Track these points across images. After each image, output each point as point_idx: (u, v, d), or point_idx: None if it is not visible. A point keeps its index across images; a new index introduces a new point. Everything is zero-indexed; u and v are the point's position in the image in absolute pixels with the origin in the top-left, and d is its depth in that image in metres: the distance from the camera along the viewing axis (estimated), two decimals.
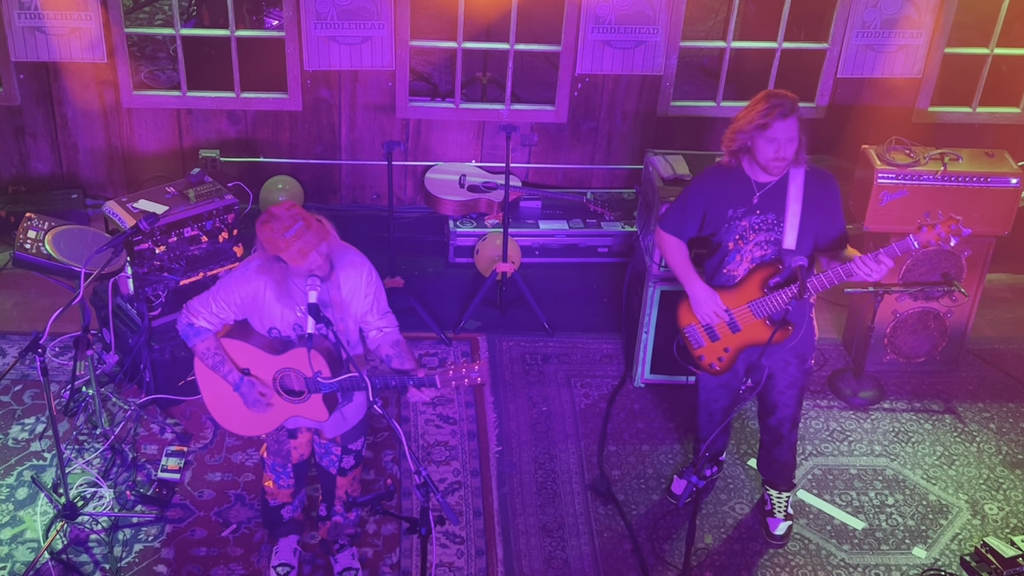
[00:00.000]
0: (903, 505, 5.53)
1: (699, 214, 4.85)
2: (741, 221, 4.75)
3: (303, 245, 4.14)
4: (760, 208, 4.72)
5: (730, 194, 4.76)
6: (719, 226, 4.81)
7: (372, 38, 6.76)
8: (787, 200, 4.69)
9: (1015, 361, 6.46)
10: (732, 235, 4.78)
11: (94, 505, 5.27)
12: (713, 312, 4.86)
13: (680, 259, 4.94)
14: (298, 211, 4.19)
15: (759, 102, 4.58)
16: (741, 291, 4.82)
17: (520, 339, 6.45)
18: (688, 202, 4.86)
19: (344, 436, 4.72)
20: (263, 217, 4.22)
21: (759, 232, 4.75)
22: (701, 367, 5.06)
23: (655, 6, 6.75)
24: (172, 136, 7.08)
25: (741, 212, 4.74)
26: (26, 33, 6.58)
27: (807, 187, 4.69)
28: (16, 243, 5.54)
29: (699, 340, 4.98)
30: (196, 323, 4.42)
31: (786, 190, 4.70)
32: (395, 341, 4.49)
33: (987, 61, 7.12)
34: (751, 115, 4.57)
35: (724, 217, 4.78)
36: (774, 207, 4.71)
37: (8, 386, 5.89)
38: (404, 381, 4.32)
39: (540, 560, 5.18)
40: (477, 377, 4.23)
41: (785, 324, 4.76)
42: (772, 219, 4.72)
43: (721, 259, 4.87)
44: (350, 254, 4.45)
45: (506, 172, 6.29)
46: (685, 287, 4.94)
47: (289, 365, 4.41)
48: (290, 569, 4.98)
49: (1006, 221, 5.91)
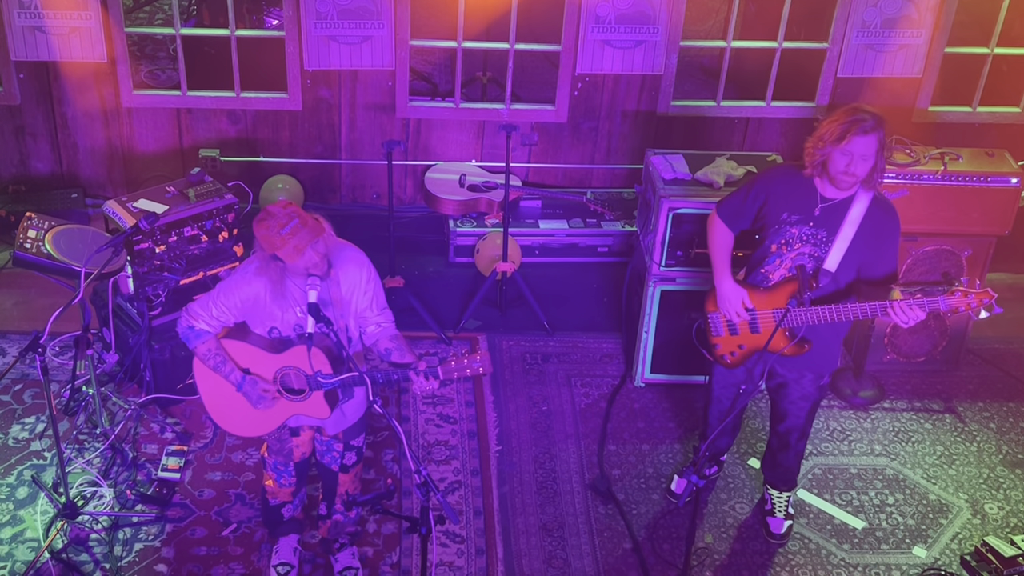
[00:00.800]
0: (903, 504, 5.54)
1: (757, 206, 4.80)
2: (792, 228, 4.70)
3: (299, 242, 4.15)
4: (816, 221, 4.67)
5: (792, 197, 4.70)
6: (770, 225, 4.77)
7: (372, 38, 6.76)
8: (844, 221, 4.62)
9: (1015, 361, 6.46)
10: (778, 238, 4.74)
11: (94, 504, 5.27)
12: (735, 311, 4.85)
13: (722, 249, 4.91)
14: (294, 209, 4.20)
15: (843, 114, 4.51)
16: (771, 296, 4.80)
17: (520, 338, 6.45)
18: (751, 192, 4.81)
19: (346, 432, 4.72)
20: (259, 216, 4.23)
21: (806, 244, 4.69)
22: (714, 355, 5.06)
23: (655, 6, 6.75)
24: (172, 135, 7.08)
25: (796, 219, 4.69)
26: (26, 32, 6.58)
27: (868, 213, 4.62)
28: (16, 242, 5.54)
29: (719, 329, 4.99)
30: (196, 326, 4.42)
31: (847, 211, 4.62)
32: (393, 335, 4.49)
33: (987, 61, 7.13)
34: (833, 126, 4.50)
35: (778, 218, 4.73)
36: (829, 224, 4.65)
37: (8, 385, 5.89)
38: (407, 373, 4.32)
39: (540, 559, 5.18)
40: (479, 367, 4.23)
41: (802, 341, 4.75)
42: (823, 235, 4.66)
43: (762, 257, 4.84)
44: (348, 251, 4.45)
45: (506, 172, 6.29)
46: (715, 278, 4.92)
47: (289, 363, 4.41)
48: (290, 568, 4.98)
49: (1006, 221, 5.91)
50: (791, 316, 4.68)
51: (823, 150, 4.54)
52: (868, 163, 4.51)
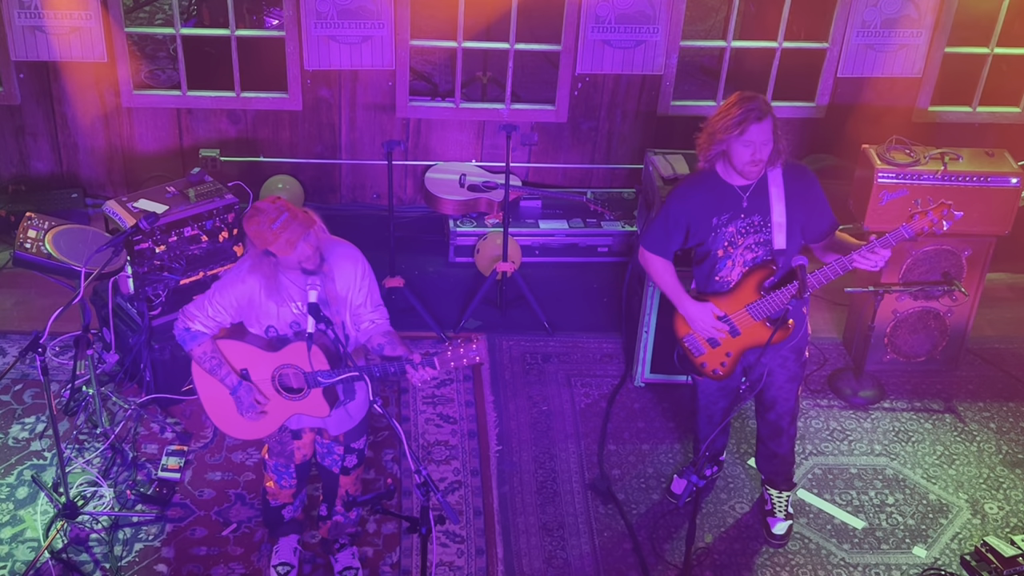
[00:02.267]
0: (903, 504, 5.53)
1: (682, 228, 4.79)
2: (727, 227, 4.70)
3: (290, 235, 4.15)
4: (745, 212, 4.69)
5: (712, 202, 4.70)
6: (705, 236, 4.76)
7: (372, 37, 6.76)
8: (770, 200, 4.65)
9: (1015, 360, 6.46)
10: (720, 242, 4.74)
11: (94, 504, 5.27)
12: (711, 327, 4.84)
13: (668, 278, 4.89)
14: (283, 203, 4.21)
15: (732, 106, 4.50)
16: (737, 295, 4.80)
17: (520, 338, 6.45)
18: (669, 218, 4.79)
19: (347, 435, 4.72)
20: (248, 212, 4.23)
21: (747, 235, 4.71)
22: (704, 374, 5.03)
23: (655, 6, 6.75)
24: (172, 135, 7.08)
25: (726, 218, 4.69)
26: (26, 32, 6.58)
27: (786, 184, 4.65)
28: (16, 242, 5.54)
29: (699, 348, 4.96)
30: (192, 327, 4.42)
31: (767, 190, 4.65)
32: (386, 331, 4.48)
33: (987, 61, 7.13)
34: (725, 120, 4.49)
35: (709, 226, 4.73)
36: (758, 209, 4.67)
37: (8, 385, 5.89)
38: (402, 365, 4.30)
39: (540, 559, 5.18)
40: (476, 356, 4.21)
41: (785, 323, 4.75)
42: (758, 220, 4.68)
43: (712, 266, 4.81)
44: (342, 247, 4.44)
45: (506, 171, 6.29)
46: (677, 307, 4.90)
47: (287, 361, 4.41)
48: (290, 568, 4.98)
49: (1006, 221, 5.91)
50: (761, 305, 4.71)
51: (720, 144, 4.54)
52: (769, 146, 4.53)
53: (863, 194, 5.91)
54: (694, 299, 4.86)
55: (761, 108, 4.47)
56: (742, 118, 4.45)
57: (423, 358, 4.27)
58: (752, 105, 4.47)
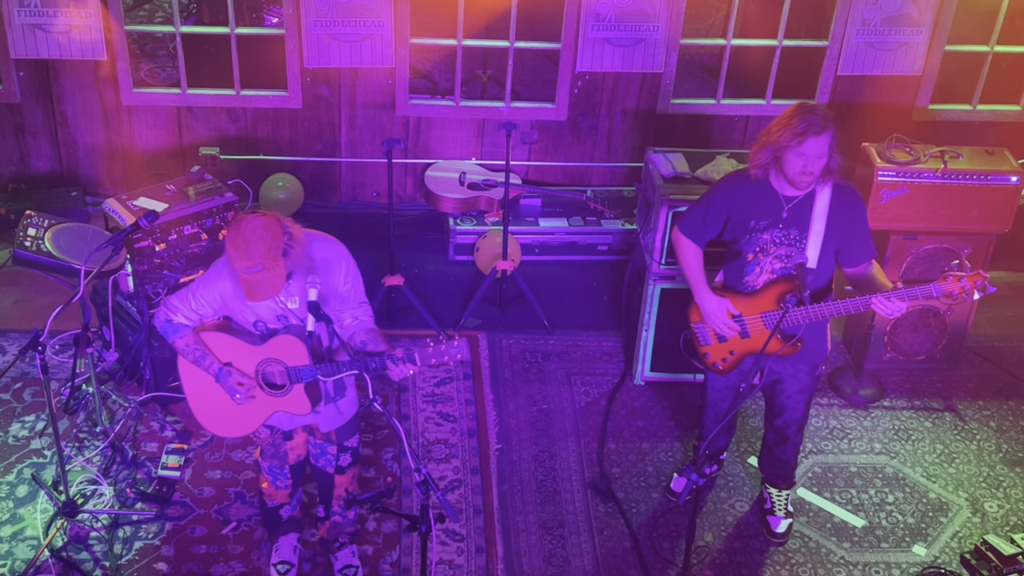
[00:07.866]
0: (903, 503, 5.54)
1: (721, 220, 4.77)
2: (763, 234, 4.68)
3: (255, 286, 4.14)
4: (785, 223, 4.66)
5: (755, 204, 4.68)
6: (740, 235, 4.74)
7: (372, 36, 6.76)
8: (812, 216, 4.61)
9: (1015, 359, 6.46)
10: (752, 247, 4.72)
11: (94, 503, 5.28)
12: (723, 323, 4.83)
13: (694, 266, 4.87)
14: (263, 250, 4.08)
15: (793, 116, 4.46)
16: (757, 300, 4.79)
17: (520, 337, 6.45)
18: (711, 206, 4.77)
19: (339, 433, 4.70)
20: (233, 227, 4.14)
21: (780, 246, 4.68)
22: (705, 364, 5.05)
23: (655, 4, 6.75)
24: (172, 133, 7.08)
25: (764, 224, 4.67)
26: (26, 30, 6.58)
27: (832, 203, 4.61)
28: (16, 241, 5.54)
29: (707, 338, 4.97)
30: (175, 319, 4.40)
31: (812, 206, 4.61)
32: (369, 328, 4.46)
33: (987, 59, 7.12)
34: (785, 130, 4.46)
35: (746, 227, 4.71)
36: (798, 223, 4.64)
37: (8, 384, 5.89)
38: (384, 361, 4.27)
39: (540, 558, 5.18)
40: (457, 353, 4.20)
41: (794, 340, 4.74)
42: (795, 235, 4.65)
43: (741, 268, 4.80)
44: (328, 243, 4.41)
45: (506, 170, 6.29)
46: (695, 296, 4.90)
47: (270, 355, 4.39)
48: (290, 567, 4.98)
49: (1006, 219, 5.91)
50: (777, 317, 4.68)
51: (774, 152, 4.52)
52: (823, 160, 4.50)
53: (863, 192, 5.89)
54: (714, 292, 4.85)
55: (821, 122, 4.43)
56: (803, 129, 4.41)
57: (405, 353, 4.25)
58: (813, 118, 4.43)
